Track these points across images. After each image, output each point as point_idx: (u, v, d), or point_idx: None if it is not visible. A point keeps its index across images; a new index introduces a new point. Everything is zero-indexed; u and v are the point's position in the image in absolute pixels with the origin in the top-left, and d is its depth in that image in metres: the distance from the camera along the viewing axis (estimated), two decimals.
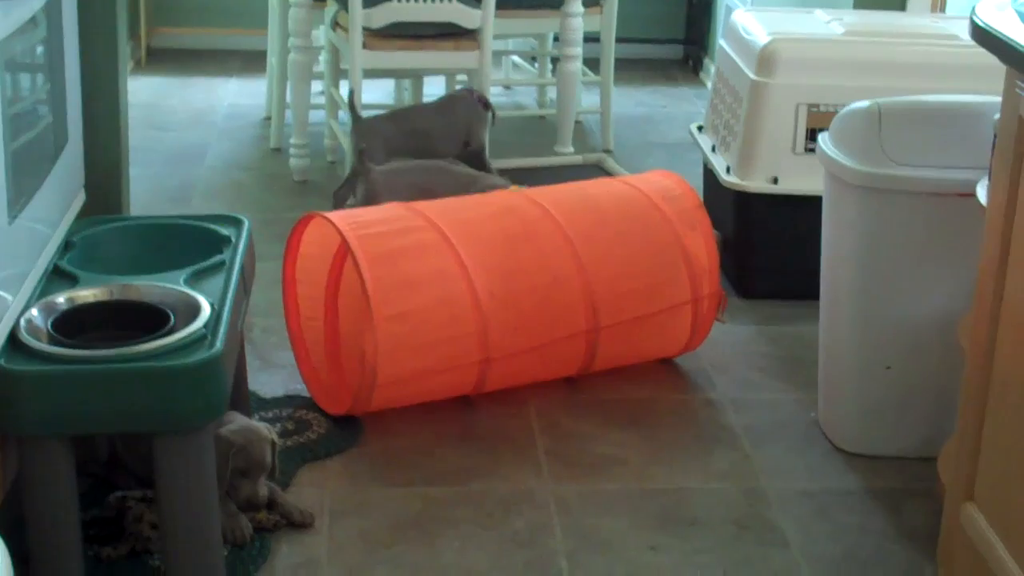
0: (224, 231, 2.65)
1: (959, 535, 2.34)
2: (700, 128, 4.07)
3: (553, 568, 2.46)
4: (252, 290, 2.69)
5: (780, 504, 2.69)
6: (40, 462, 2.15)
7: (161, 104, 5.36)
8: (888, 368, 2.81)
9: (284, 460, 2.66)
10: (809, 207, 3.14)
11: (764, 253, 3.65)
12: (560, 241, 3.03)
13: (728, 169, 3.66)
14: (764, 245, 3.64)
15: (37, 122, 2.48)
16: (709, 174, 3.87)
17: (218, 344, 2.22)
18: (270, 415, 2.92)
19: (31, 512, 2.18)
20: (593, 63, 5.04)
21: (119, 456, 2.57)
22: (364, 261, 2.81)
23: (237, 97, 5.48)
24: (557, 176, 3.95)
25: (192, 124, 5.11)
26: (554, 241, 3.03)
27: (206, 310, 2.31)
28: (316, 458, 2.78)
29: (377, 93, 5.25)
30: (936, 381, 2.79)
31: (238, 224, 2.70)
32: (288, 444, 2.79)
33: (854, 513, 2.67)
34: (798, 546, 2.56)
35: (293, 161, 4.53)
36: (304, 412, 2.96)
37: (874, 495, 2.74)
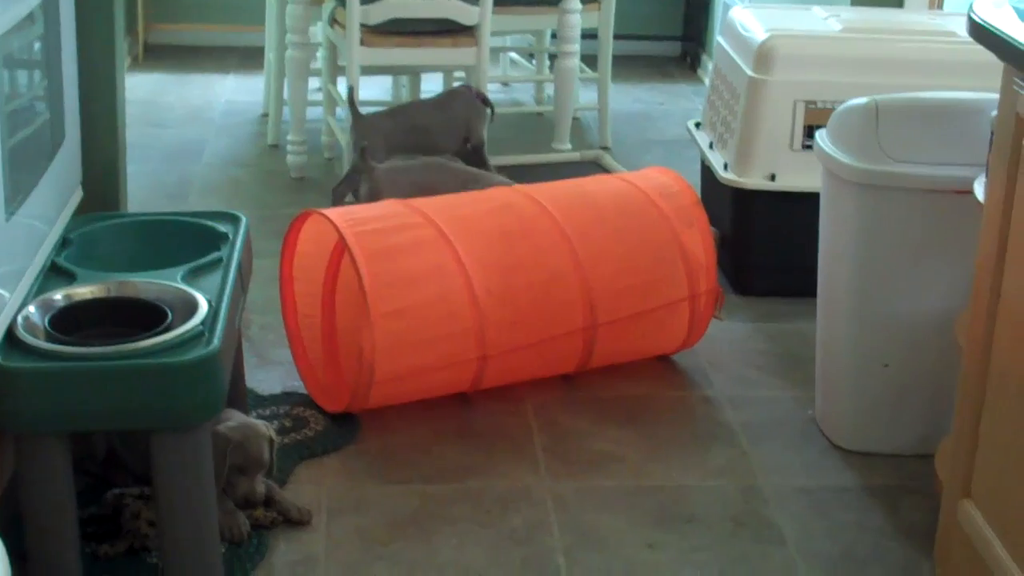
0: (221, 228, 2.65)
1: (956, 532, 2.34)
2: (698, 125, 4.07)
3: (550, 565, 2.46)
4: (249, 287, 2.69)
5: (777, 501, 2.69)
6: (37, 459, 2.15)
7: (158, 101, 5.35)
8: (886, 365, 2.81)
9: (281, 457, 2.65)
10: (807, 204, 3.14)
11: (761, 250, 3.65)
12: (557, 238, 3.03)
13: (726, 166, 3.66)
14: (761, 242, 3.64)
15: (34, 119, 2.48)
16: (707, 171, 3.87)
17: (215, 341, 2.21)
18: (267, 412, 2.92)
19: (28, 510, 2.18)
20: (591, 60, 5.04)
21: (117, 453, 2.57)
22: (361, 258, 2.81)
23: (234, 94, 5.48)
24: (554, 173, 3.95)
25: (189, 121, 5.11)
26: (551, 238, 3.03)
27: (203, 307, 2.31)
28: (313, 455, 2.79)
29: (375, 90, 5.25)
30: (933, 378, 2.79)
31: (235, 221, 2.70)
32: (285, 441, 2.79)
33: (851, 510, 2.67)
34: (795, 543, 2.56)
35: (290, 158, 4.52)
36: (302, 409, 2.96)
37: (871, 492, 2.74)
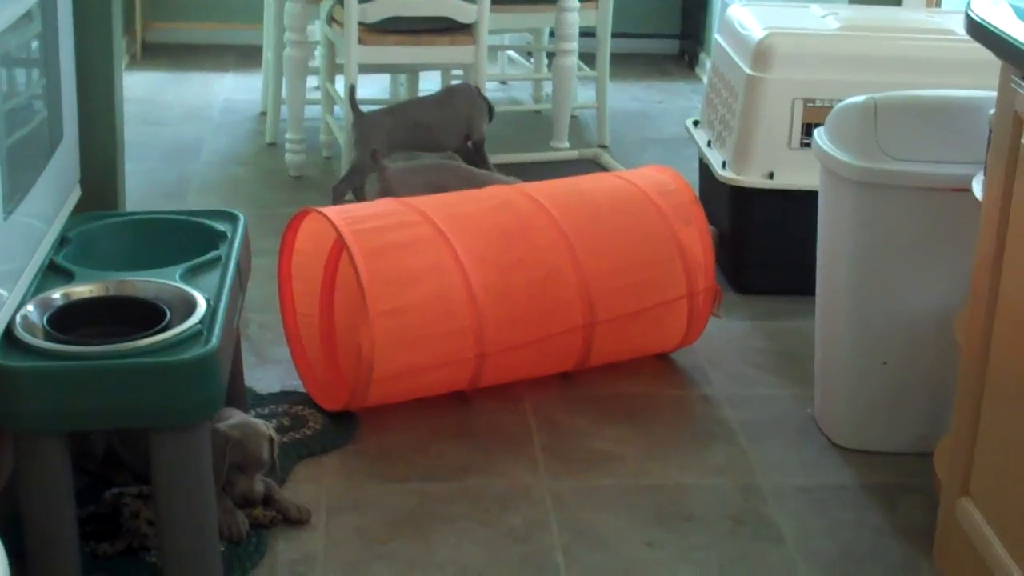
0: (220, 227, 2.65)
1: (955, 530, 2.34)
2: (696, 123, 4.07)
3: (549, 564, 2.46)
4: (248, 286, 2.69)
5: (776, 500, 2.69)
6: (36, 458, 2.15)
7: (156, 99, 5.34)
8: (884, 363, 2.81)
9: (280, 456, 2.65)
10: (805, 202, 3.14)
11: (760, 248, 3.65)
12: (556, 236, 3.03)
13: (724, 164, 3.66)
14: (760, 240, 3.64)
15: (32, 117, 2.47)
16: (705, 169, 3.87)
17: (214, 340, 2.21)
18: (266, 411, 2.92)
19: (27, 509, 2.17)
20: (589, 58, 5.03)
21: (116, 452, 2.57)
22: (359, 256, 2.81)
23: (233, 92, 5.47)
24: (553, 171, 3.94)
25: (188, 119, 5.10)
26: (550, 236, 3.03)
27: (202, 306, 2.30)
28: (312, 454, 2.79)
29: (373, 88, 5.25)
30: (932, 376, 2.79)
31: (234, 220, 2.70)
32: (284, 440, 2.79)
33: (850, 509, 2.67)
34: (794, 542, 2.56)
35: (289, 156, 4.52)
36: (300, 408, 2.96)
37: (870, 491, 2.74)
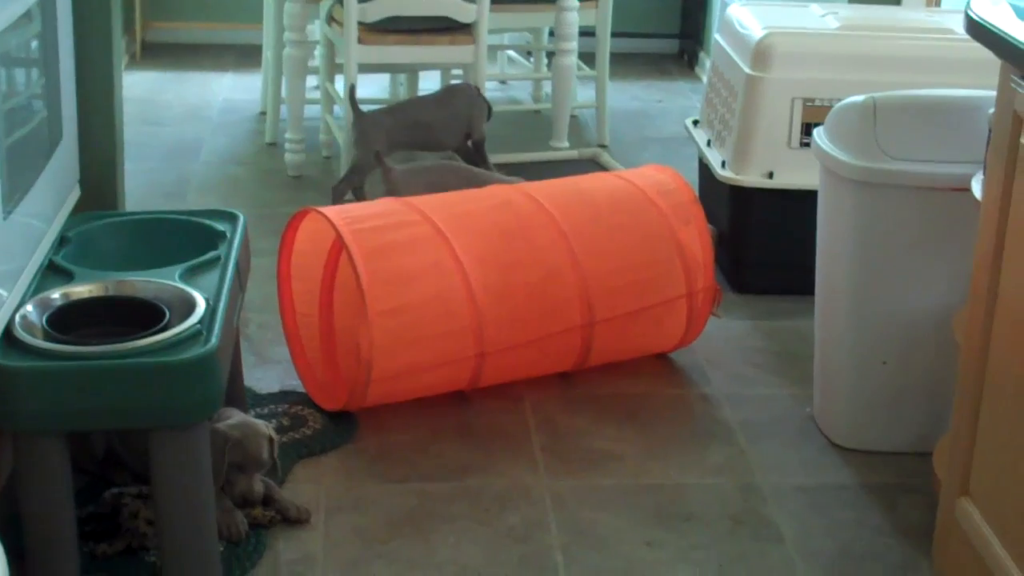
0: (219, 226, 2.65)
1: (954, 530, 2.34)
2: (695, 123, 4.07)
3: (548, 563, 2.46)
4: (247, 285, 2.69)
5: (775, 499, 2.69)
6: (35, 459, 2.15)
7: (156, 99, 5.34)
8: (884, 363, 2.81)
9: (280, 456, 2.65)
10: (804, 202, 3.14)
11: (759, 248, 3.65)
12: (555, 235, 3.03)
13: (723, 164, 3.66)
14: (759, 240, 3.64)
15: (32, 117, 2.47)
16: (704, 169, 3.87)
17: (213, 340, 2.21)
18: (266, 411, 2.92)
19: (26, 509, 2.17)
20: (588, 57, 5.03)
21: (116, 452, 2.57)
22: (359, 255, 2.81)
23: (232, 92, 5.47)
24: (552, 171, 3.94)
25: (187, 119, 5.10)
26: (549, 235, 3.03)
27: (201, 306, 2.30)
28: (312, 454, 2.79)
29: (372, 88, 5.25)
30: (932, 376, 2.79)
31: (233, 219, 2.70)
32: (284, 440, 2.79)
33: (849, 508, 2.67)
34: (793, 541, 2.56)
35: (288, 156, 4.52)
36: (300, 408, 2.96)
37: (869, 490, 2.74)
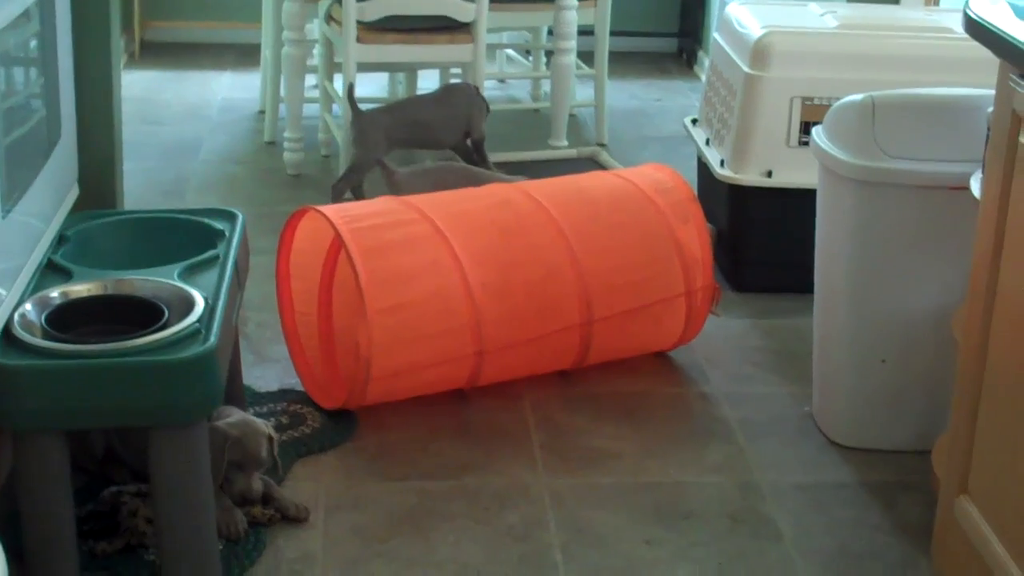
0: (218, 225, 2.65)
1: (953, 528, 2.34)
2: (694, 121, 4.07)
3: (548, 562, 2.46)
4: (246, 284, 2.69)
5: (774, 498, 2.69)
6: (34, 457, 2.15)
7: (155, 98, 5.34)
8: (883, 361, 2.81)
9: (279, 455, 2.65)
10: (803, 200, 3.14)
11: (758, 246, 3.65)
12: (554, 234, 3.03)
13: (722, 162, 3.66)
14: (758, 238, 3.64)
15: (30, 116, 2.47)
16: (703, 167, 3.87)
17: (212, 339, 2.21)
18: (265, 409, 2.92)
19: (25, 507, 2.17)
20: (587, 56, 5.03)
21: (115, 451, 2.57)
22: (357, 254, 2.81)
23: (231, 91, 5.47)
24: (551, 169, 3.93)
25: (186, 118, 5.10)
26: (548, 234, 3.03)
27: (200, 304, 2.30)
28: (311, 452, 2.79)
29: (371, 87, 5.24)
30: (931, 374, 2.79)
31: (232, 218, 2.70)
32: (283, 439, 2.79)
33: (848, 507, 2.67)
34: (792, 540, 2.56)
35: (287, 155, 4.52)
36: (299, 406, 2.96)
37: (868, 489, 2.74)
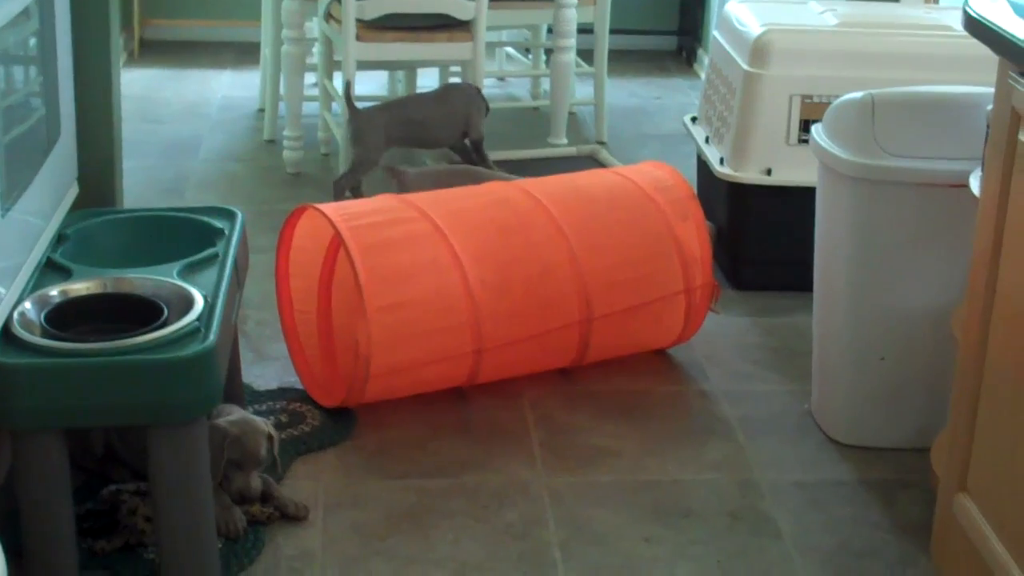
0: (217, 223, 2.65)
1: (952, 526, 2.34)
2: (694, 119, 4.06)
3: (547, 560, 2.46)
4: (245, 282, 2.69)
5: (774, 495, 2.70)
6: (34, 456, 2.15)
7: (154, 96, 5.34)
8: (882, 359, 2.81)
9: (278, 453, 2.65)
10: (803, 198, 3.14)
11: (757, 244, 3.65)
12: (553, 232, 3.03)
13: (722, 160, 3.66)
14: (757, 236, 3.64)
15: (30, 115, 2.47)
16: (703, 165, 3.87)
17: (211, 337, 2.21)
18: (264, 408, 2.92)
19: (25, 506, 2.17)
20: (587, 54, 5.03)
21: (115, 449, 2.57)
22: (356, 252, 2.81)
23: (231, 89, 5.47)
24: (551, 167, 3.93)
25: (185, 116, 5.10)
26: (547, 232, 3.03)
27: (199, 303, 2.30)
28: (310, 451, 2.79)
29: (371, 85, 5.24)
30: (930, 372, 2.79)
31: (231, 216, 2.70)
32: (282, 437, 2.79)
33: (848, 504, 2.67)
34: (792, 537, 2.56)
35: (287, 153, 4.52)
36: (298, 405, 2.96)
37: (868, 486, 2.74)
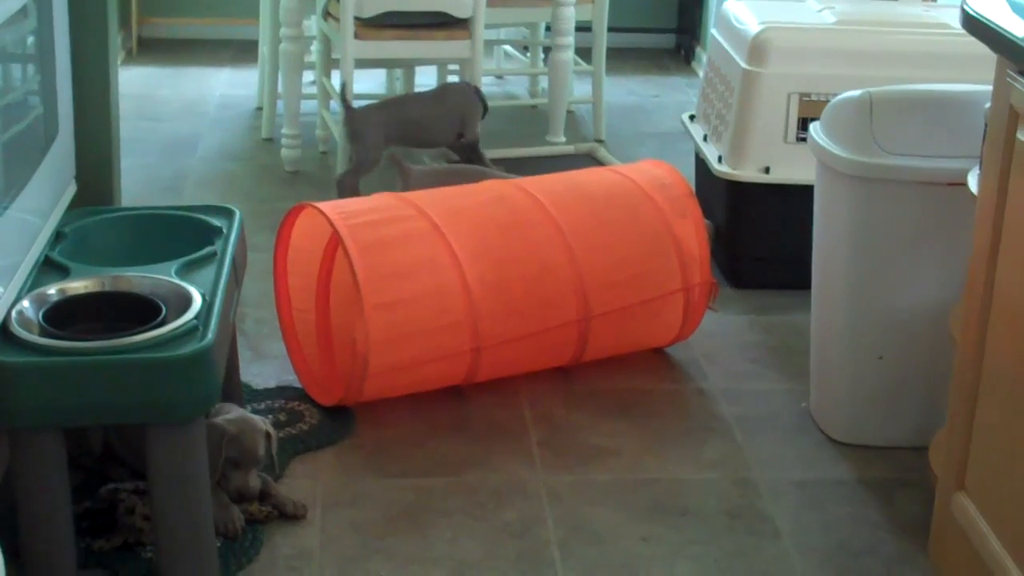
0: (216, 222, 2.65)
1: (951, 525, 2.34)
2: (692, 118, 4.06)
3: (545, 559, 2.46)
4: (244, 281, 2.69)
5: (772, 494, 2.70)
6: (32, 454, 2.15)
7: (153, 95, 5.34)
8: (880, 358, 2.81)
9: (276, 452, 2.65)
10: (801, 196, 3.14)
11: (756, 243, 3.65)
12: (551, 230, 3.03)
13: (720, 159, 3.66)
14: (756, 235, 3.64)
15: (28, 113, 2.47)
16: (701, 164, 3.87)
17: (210, 335, 2.21)
18: (262, 406, 2.92)
19: (23, 505, 2.17)
20: (585, 52, 5.03)
21: (113, 448, 2.57)
22: (354, 250, 2.81)
23: (229, 87, 5.47)
24: (549, 166, 3.93)
25: (184, 114, 5.10)
26: (545, 230, 3.03)
27: (197, 301, 2.30)
28: (308, 449, 2.78)
29: (369, 83, 5.24)
30: (928, 371, 2.79)
31: (229, 215, 2.70)
32: (280, 435, 2.79)
33: (846, 503, 2.67)
34: (790, 536, 2.56)
35: (285, 151, 4.52)
36: (296, 403, 2.96)
37: (866, 485, 2.74)
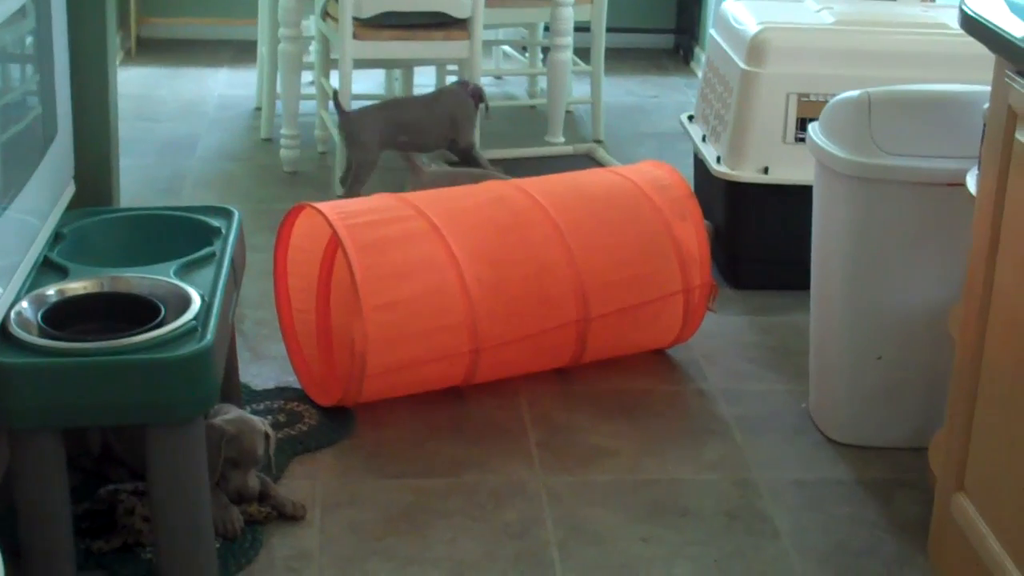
0: (214, 222, 2.65)
1: (950, 525, 2.35)
2: (691, 118, 4.06)
3: (544, 559, 2.46)
4: (243, 282, 2.69)
5: (771, 495, 2.70)
6: (31, 455, 2.14)
7: (151, 95, 5.34)
8: (879, 358, 2.81)
9: (276, 452, 2.65)
10: (800, 197, 3.14)
11: (755, 243, 3.65)
12: (550, 231, 3.03)
13: (719, 159, 3.66)
14: (755, 235, 3.64)
15: (26, 113, 2.47)
16: (700, 164, 3.87)
17: (208, 336, 2.21)
18: (261, 407, 2.92)
19: (22, 505, 2.17)
20: (584, 53, 5.03)
21: (112, 449, 2.57)
22: (353, 250, 2.81)
23: (227, 88, 5.47)
24: (548, 166, 3.94)
25: (182, 115, 5.10)
26: (544, 231, 3.03)
27: (196, 302, 2.30)
28: (308, 450, 2.78)
29: (368, 83, 5.24)
30: (927, 371, 2.79)
31: (228, 215, 2.70)
32: (279, 436, 2.79)
33: (845, 504, 2.67)
34: (789, 536, 2.56)
35: (284, 152, 4.52)
36: (296, 404, 2.95)
37: (865, 485, 2.74)
